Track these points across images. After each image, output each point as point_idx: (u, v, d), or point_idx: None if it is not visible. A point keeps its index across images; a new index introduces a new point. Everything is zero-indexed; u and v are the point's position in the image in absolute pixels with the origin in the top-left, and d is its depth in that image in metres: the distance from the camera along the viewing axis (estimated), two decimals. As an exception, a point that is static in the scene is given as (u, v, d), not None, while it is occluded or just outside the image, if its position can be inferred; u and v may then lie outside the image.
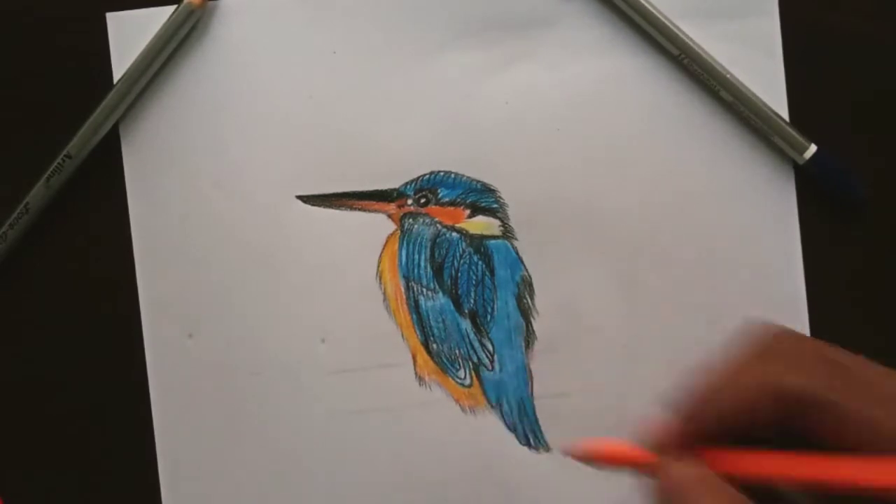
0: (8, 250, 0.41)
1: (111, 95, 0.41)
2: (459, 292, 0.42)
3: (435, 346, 0.42)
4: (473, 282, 0.42)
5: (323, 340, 0.42)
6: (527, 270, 0.42)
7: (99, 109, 0.41)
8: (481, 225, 0.42)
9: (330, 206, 0.42)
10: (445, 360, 0.42)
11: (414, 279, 0.42)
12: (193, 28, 0.41)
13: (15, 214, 0.41)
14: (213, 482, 0.42)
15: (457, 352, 0.42)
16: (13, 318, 0.42)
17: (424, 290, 0.42)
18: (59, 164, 0.41)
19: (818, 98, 0.41)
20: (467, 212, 0.42)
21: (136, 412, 0.42)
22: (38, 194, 0.41)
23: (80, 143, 0.41)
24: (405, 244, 0.42)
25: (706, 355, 0.29)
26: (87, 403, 0.42)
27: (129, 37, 0.41)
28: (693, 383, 0.29)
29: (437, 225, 0.42)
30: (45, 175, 0.41)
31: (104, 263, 0.42)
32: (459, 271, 0.42)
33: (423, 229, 0.42)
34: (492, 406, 0.42)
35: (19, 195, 0.41)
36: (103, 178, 0.42)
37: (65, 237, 0.42)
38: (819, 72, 0.41)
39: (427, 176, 0.42)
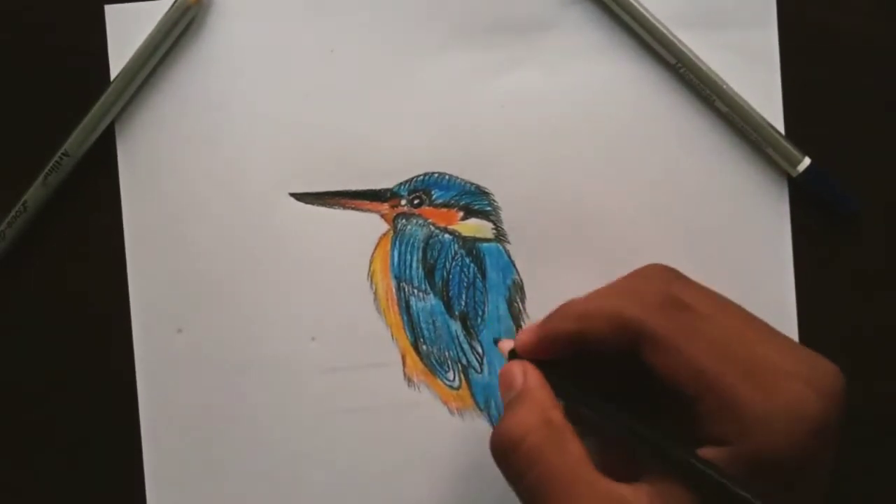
0: (6, 248, 0.42)
1: (107, 93, 0.41)
2: (450, 294, 0.42)
3: (425, 347, 0.42)
4: (465, 284, 0.42)
5: (313, 339, 0.42)
6: (518, 274, 0.42)
7: (95, 107, 0.41)
8: (474, 227, 0.42)
9: (323, 205, 0.42)
10: (435, 362, 0.42)
11: (405, 280, 0.42)
12: (189, 25, 0.41)
13: (13, 213, 0.41)
14: (199, 479, 0.42)
15: (446, 354, 0.42)
16: (10, 314, 0.42)
17: (416, 291, 0.42)
18: (56, 162, 0.41)
19: (814, 109, 0.41)
20: (460, 214, 0.42)
21: (123, 406, 0.42)
22: (35, 193, 0.41)
23: (77, 141, 0.41)
24: (397, 245, 0.42)
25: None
26: (78, 397, 0.42)
27: (127, 31, 0.41)
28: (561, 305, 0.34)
29: (430, 226, 0.42)
30: (43, 173, 0.41)
31: (99, 259, 0.42)
32: (451, 273, 0.42)
33: (416, 230, 0.42)
34: (480, 409, 0.42)
35: (17, 194, 0.41)
36: (100, 175, 0.42)
37: (62, 235, 0.42)
38: (816, 83, 0.41)
39: (421, 177, 0.42)
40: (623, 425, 0.32)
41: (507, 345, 0.36)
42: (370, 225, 0.42)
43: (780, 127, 0.41)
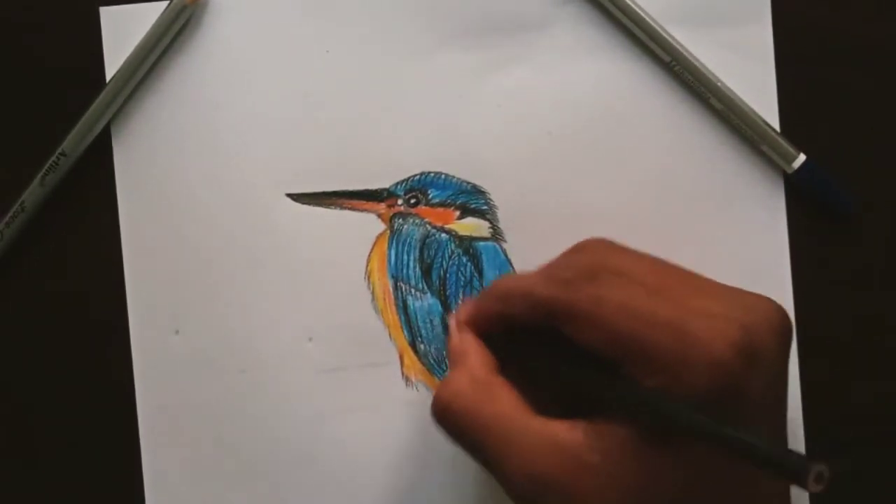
0: (4, 248, 0.42)
1: (104, 93, 0.41)
2: (448, 293, 0.42)
3: (422, 346, 0.42)
4: (462, 283, 0.42)
5: (310, 339, 0.42)
6: (515, 273, 0.42)
7: (92, 107, 0.41)
8: (471, 226, 0.42)
9: (320, 205, 0.42)
10: (432, 361, 0.42)
11: (402, 279, 0.42)
12: (185, 26, 0.41)
13: (11, 213, 0.41)
14: (198, 480, 0.42)
15: (444, 353, 0.42)
16: (8, 314, 0.42)
17: (413, 290, 0.42)
18: (53, 162, 0.41)
19: (810, 106, 0.41)
20: (457, 213, 0.42)
21: (121, 406, 0.42)
22: (33, 193, 0.41)
23: (74, 141, 0.41)
24: (394, 244, 0.42)
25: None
26: (76, 398, 0.42)
27: (123, 32, 0.41)
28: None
29: (427, 226, 0.42)
30: (41, 174, 0.41)
31: (97, 260, 0.42)
32: (448, 272, 0.42)
33: (413, 230, 0.42)
34: (478, 408, 0.42)
35: (15, 194, 0.41)
36: (98, 175, 0.42)
37: (60, 235, 0.42)
38: (811, 80, 0.41)
39: (417, 176, 0.42)
40: (560, 370, 0.33)
41: (452, 319, 0.37)
42: (367, 225, 0.42)
43: (776, 124, 0.41)
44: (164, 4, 0.41)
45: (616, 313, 0.31)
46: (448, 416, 0.34)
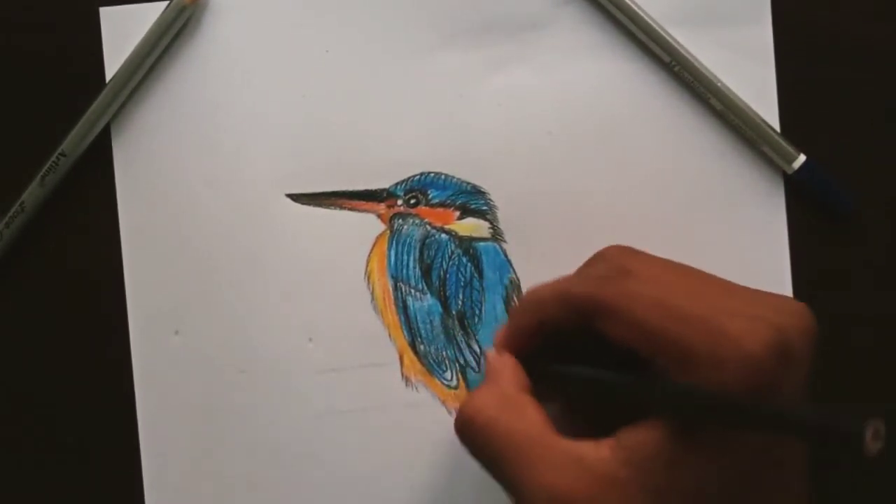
0: (4, 249, 0.42)
1: (103, 94, 0.41)
2: (447, 294, 0.42)
3: (422, 346, 0.42)
4: (462, 283, 0.42)
5: (310, 339, 0.42)
6: (515, 273, 0.42)
7: (92, 108, 0.41)
8: (470, 227, 0.42)
9: (320, 206, 0.42)
10: (432, 362, 0.42)
11: (402, 280, 0.42)
12: (185, 26, 0.41)
13: (11, 213, 0.41)
14: (198, 480, 0.42)
15: (444, 353, 0.42)
16: (7, 314, 0.42)
17: (413, 290, 0.42)
18: (53, 162, 0.41)
19: (810, 106, 0.41)
20: (457, 213, 0.42)
21: (121, 406, 0.42)
22: (33, 193, 0.41)
23: (74, 141, 0.41)
24: (394, 245, 0.42)
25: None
26: (76, 398, 0.42)
27: (122, 32, 0.41)
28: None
29: (427, 226, 0.42)
30: (40, 174, 0.41)
31: (96, 260, 0.42)
32: (448, 273, 0.42)
33: (413, 230, 0.42)
34: (478, 408, 0.42)
35: (15, 194, 0.41)
36: (98, 176, 0.42)
37: (59, 235, 0.42)
38: (811, 80, 0.41)
39: (417, 177, 0.42)
40: (594, 376, 0.33)
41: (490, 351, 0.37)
42: (367, 225, 0.42)
43: (776, 124, 0.41)
44: (164, 4, 0.41)
45: (651, 309, 0.31)
46: (470, 430, 0.33)
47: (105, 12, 0.42)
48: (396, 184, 0.42)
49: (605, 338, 0.32)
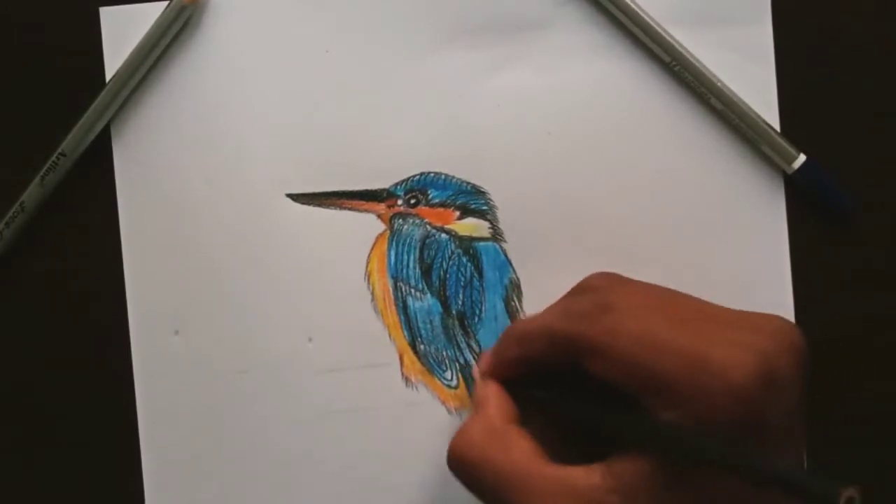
0: (4, 249, 0.42)
1: (104, 93, 0.41)
2: (447, 294, 0.42)
3: (422, 346, 0.42)
4: (462, 283, 0.42)
5: (310, 339, 0.42)
6: (515, 273, 0.42)
7: (92, 108, 0.41)
8: (470, 227, 0.42)
9: (320, 206, 0.42)
10: (432, 361, 0.42)
11: (402, 280, 0.42)
12: (185, 26, 0.41)
13: (11, 213, 0.41)
14: (198, 480, 0.42)
15: (444, 353, 0.42)
16: (8, 314, 0.42)
17: (413, 290, 0.42)
18: (53, 162, 0.41)
19: (810, 106, 0.41)
20: (457, 213, 0.42)
21: (121, 407, 0.42)
22: (33, 193, 0.41)
23: (74, 141, 0.41)
24: (394, 244, 0.42)
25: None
26: (76, 398, 0.42)
27: (122, 32, 0.41)
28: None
29: (427, 226, 0.42)
30: (40, 174, 0.41)
31: (96, 260, 0.42)
32: (448, 273, 0.42)
33: (413, 230, 0.42)
34: (478, 408, 0.42)
35: (15, 194, 0.41)
36: (98, 176, 0.42)
37: (59, 236, 0.42)
38: (812, 80, 0.41)
39: (417, 176, 0.42)
40: (579, 409, 0.34)
41: (475, 370, 0.38)
42: (367, 225, 0.42)
43: (776, 124, 0.41)
44: (163, 4, 0.41)
45: (633, 345, 0.31)
46: (462, 466, 0.34)
47: (105, 12, 0.42)
48: (396, 184, 0.42)
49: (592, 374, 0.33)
